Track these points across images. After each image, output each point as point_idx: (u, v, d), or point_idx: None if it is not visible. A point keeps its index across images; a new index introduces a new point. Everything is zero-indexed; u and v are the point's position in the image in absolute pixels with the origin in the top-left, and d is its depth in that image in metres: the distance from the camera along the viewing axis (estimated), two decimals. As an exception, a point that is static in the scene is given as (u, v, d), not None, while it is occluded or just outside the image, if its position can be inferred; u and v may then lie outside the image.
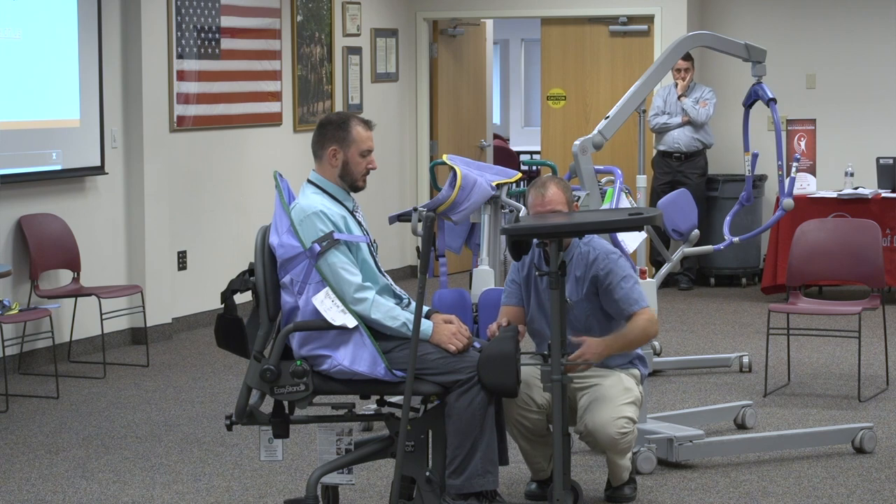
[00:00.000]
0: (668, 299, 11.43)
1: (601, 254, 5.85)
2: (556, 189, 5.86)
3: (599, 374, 5.87)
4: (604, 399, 5.79)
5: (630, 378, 5.93)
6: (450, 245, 7.83)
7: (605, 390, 5.81)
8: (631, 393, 5.86)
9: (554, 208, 5.81)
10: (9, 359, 8.75)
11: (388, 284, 5.56)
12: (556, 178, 6.00)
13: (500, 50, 21.80)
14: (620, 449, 5.82)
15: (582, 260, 5.86)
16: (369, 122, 5.61)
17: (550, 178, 5.95)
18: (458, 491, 5.37)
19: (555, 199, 5.82)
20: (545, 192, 5.84)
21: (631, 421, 5.80)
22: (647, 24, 12.70)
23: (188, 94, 10.41)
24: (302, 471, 6.61)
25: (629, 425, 5.78)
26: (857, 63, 12.47)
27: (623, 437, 5.76)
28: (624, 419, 5.76)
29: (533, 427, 5.84)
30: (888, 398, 8.11)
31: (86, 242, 9.47)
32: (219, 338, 5.58)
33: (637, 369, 6.02)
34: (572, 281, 5.84)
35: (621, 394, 5.81)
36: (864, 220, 8.61)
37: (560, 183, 5.92)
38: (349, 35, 12.25)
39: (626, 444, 5.82)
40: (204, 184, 10.64)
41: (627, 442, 5.82)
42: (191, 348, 9.87)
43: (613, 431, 5.72)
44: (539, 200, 5.84)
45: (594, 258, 5.84)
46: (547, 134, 13.25)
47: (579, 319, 5.87)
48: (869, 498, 6.20)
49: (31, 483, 6.55)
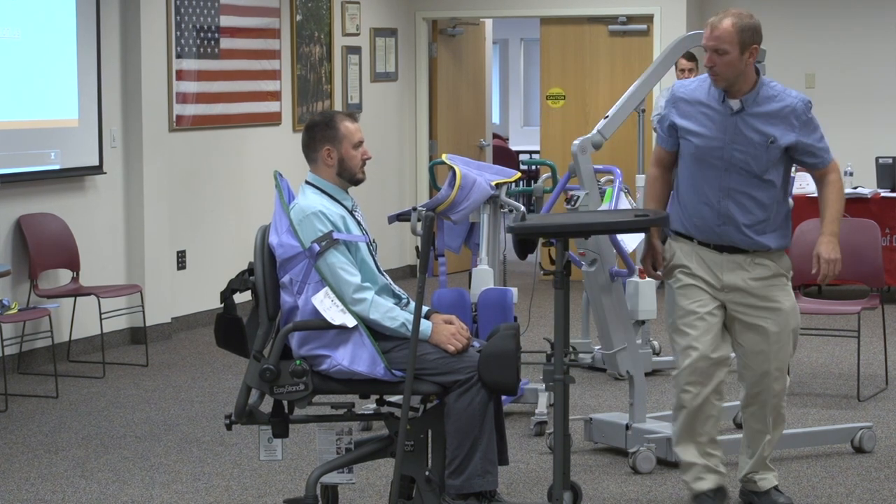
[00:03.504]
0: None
1: (801, 101, 5.45)
2: (730, 26, 5.31)
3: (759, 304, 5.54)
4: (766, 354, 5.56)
5: (790, 290, 5.57)
6: (449, 245, 7.83)
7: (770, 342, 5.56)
8: (797, 321, 5.61)
9: (719, 47, 5.34)
10: (8, 358, 8.75)
11: (388, 284, 5.56)
12: (739, 12, 5.41)
13: (500, 50, 21.80)
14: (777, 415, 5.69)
15: (772, 101, 5.43)
16: (353, 113, 5.64)
17: (729, 12, 5.40)
18: (457, 491, 5.37)
19: (724, 36, 5.33)
20: (718, 24, 5.36)
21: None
22: (647, 24, 12.70)
23: (187, 93, 10.41)
24: (301, 470, 6.61)
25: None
26: (857, 63, 12.48)
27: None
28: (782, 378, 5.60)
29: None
30: (887, 398, 8.11)
31: (85, 242, 9.47)
32: (218, 337, 5.58)
33: (781, 251, 5.58)
34: (768, 118, 5.43)
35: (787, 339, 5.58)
36: (863, 220, 8.60)
37: (740, 20, 5.34)
38: (348, 35, 12.25)
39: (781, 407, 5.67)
40: (203, 184, 10.64)
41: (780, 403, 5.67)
42: (190, 348, 9.87)
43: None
44: (708, 33, 5.39)
45: (796, 104, 5.44)
46: (546, 133, 13.25)
47: (761, 165, 5.42)
48: (868, 497, 6.20)
49: (31, 483, 6.55)
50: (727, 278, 5.53)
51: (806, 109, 5.45)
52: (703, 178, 5.49)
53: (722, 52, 5.33)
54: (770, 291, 5.50)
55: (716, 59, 5.34)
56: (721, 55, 5.33)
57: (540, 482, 6.38)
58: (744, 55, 5.33)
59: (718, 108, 5.46)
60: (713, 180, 5.47)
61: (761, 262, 5.50)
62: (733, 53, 5.32)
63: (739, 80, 5.39)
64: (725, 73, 5.36)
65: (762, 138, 5.40)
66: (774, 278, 5.49)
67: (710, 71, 5.41)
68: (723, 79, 5.39)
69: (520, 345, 5.47)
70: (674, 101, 5.58)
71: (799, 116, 5.42)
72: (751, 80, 5.42)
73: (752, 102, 5.41)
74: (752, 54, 5.34)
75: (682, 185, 5.57)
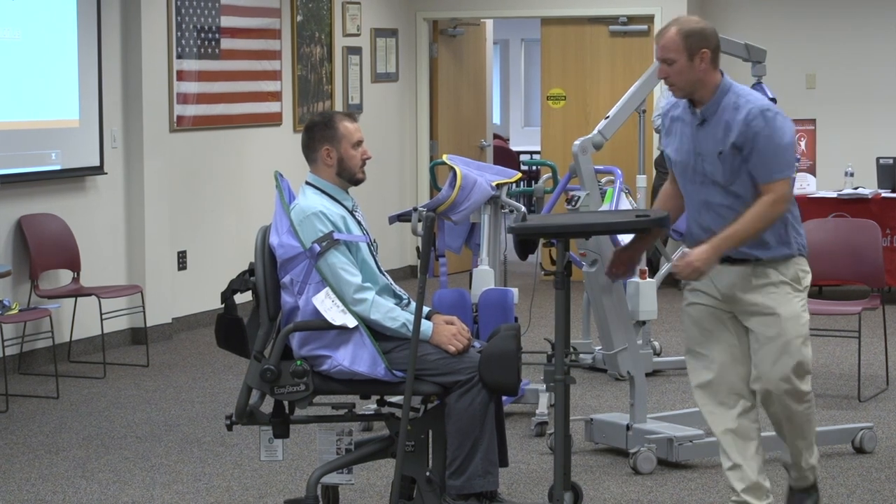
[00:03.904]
0: (668, 299, 11.42)
1: (755, 108, 5.19)
2: (674, 33, 5.20)
3: (755, 304, 5.33)
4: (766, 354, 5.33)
5: (792, 299, 5.31)
6: (450, 245, 7.83)
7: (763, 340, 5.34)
8: (798, 330, 5.31)
9: (665, 56, 5.22)
10: (9, 359, 8.75)
11: (388, 284, 5.56)
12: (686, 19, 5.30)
13: (500, 50, 21.80)
14: (795, 422, 5.40)
15: (730, 109, 5.23)
16: (352, 113, 5.64)
17: (675, 20, 5.30)
18: (458, 492, 5.37)
19: (668, 45, 5.22)
20: (663, 33, 5.25)
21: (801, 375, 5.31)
22: (647, 24, 12.71)
23: (188, 94, 10.41)
24: (302, 471, 6.61)
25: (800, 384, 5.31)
26: (857, 63, 12.48)
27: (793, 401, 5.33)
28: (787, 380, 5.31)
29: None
30: (888, 398, 8.11)
31: (86, 242, 9.47)
32: (219, 338, 5.58)
33: (797, 259, 5.32)
34: (722, 127, 5.24)
35: (784, 342, 5.30)
36: (864, 220, 8.60)
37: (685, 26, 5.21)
38: (349, 35, 12.25)
39: (801, 416, 5.37)
40: (204, 184, 10.64)
41: (803, 413, 5.36)
42: (191, 348, 9.87)
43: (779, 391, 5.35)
44: (655, 45, 5.29)
45: (747, 112, 5.19)
46: (547, 134, 13.25)
47: (724, 175, 5.24)
48: (869, 498, 6.20)
49: (31, 483, 6.55)
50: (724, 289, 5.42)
51: (759, 116, 5.16)
52: (687, 193, 5.40)
53: (670, 61, 5.21)
54: (764, 298, 5.31)
55: (667, 70, 5.23)
56: (670, 65, 5.22)
57: (541, 483, 6.38)
58: (693, 61, 5.19)
59: (689, 120, 5.35)
60: (693, 195, 5.36)
61: (762, 272, 5.31)
62: (681, 61, 5.20)
63: (699, 89, 5.24)
64: (679, 82, 5.23)
65: (716, 149, 5.25)
66: (773, 286, 5.30)
67: (665, 83, 5.31)
68: (678, 88, 5.26)
69: (520, 345, 5.47)
70: (663, 119, 5.55)
71: (750, 123, 5.16)
72: (711, 87, 5.24)
73: (711, 112, 5.25)
74: (703, 59, 5.19)
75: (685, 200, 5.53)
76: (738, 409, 5.41)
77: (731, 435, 5.41)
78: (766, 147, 5.16)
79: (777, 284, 5.32)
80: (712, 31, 5.27)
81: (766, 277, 5.30)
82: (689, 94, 5.28)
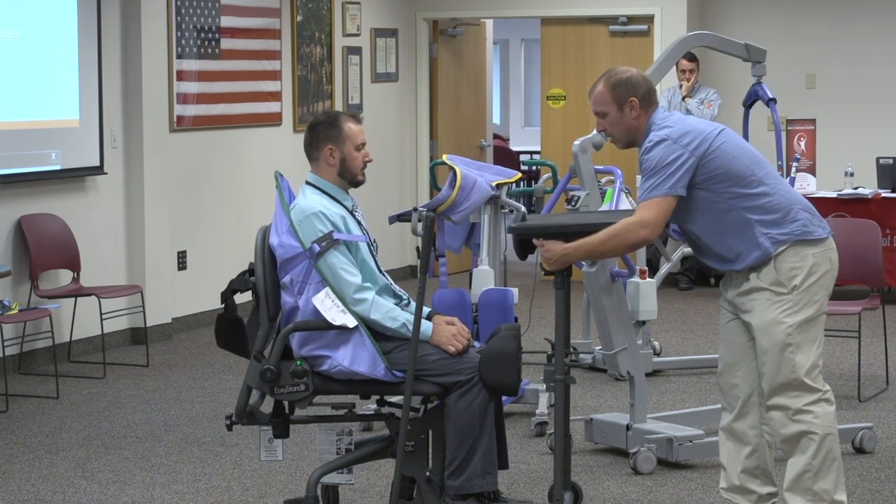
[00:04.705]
0: (668, 299, 11.43)
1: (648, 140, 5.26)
2: (602, 86, 5.30)
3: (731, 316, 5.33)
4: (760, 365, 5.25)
5: (770, 306, 5.20)
6: (450, 245, 7.83)
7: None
8: (773, 338, 5.20)
9: (597, 110, 5.31)
10: (9, 359, 8.75)
11: (388, 284, 5.56)
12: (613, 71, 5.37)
13: (500, 50, 21.81)
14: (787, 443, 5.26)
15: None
16: (357, 115, 5.64)
17: (604, 74, 5.38)
18: (457, 492, 5.37)
19: (598, 99, 5.32)
20: (593, 89, 5.34)
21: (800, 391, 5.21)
22: (647, 24, 12.71)
23: (188, 94, 10.41)
24: (302, 471, 6.61)
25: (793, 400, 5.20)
26: (857, 63, 12.48)
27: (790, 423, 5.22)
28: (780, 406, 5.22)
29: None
30: (888, 398, 8.11)
31: (86, 242, 9.47)
32: (219, 338, 5.59)
33: (782, 255, 5.19)
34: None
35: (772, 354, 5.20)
36: (864, 220, 8.60)
37: (611, 77, 5.31)
38: (349, 35, 12.25)
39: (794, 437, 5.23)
40: (204, 184, 10.64)
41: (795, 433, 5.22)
42: (191, 348, 9.87)
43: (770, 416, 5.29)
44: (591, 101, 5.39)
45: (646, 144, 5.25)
46: (547, 134, 13.26)
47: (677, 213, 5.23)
48: (869, 498, 6.21)
49: (31, 483, 6.55)
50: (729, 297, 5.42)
51: (646, 150, 5.22)
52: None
53: (602, 113, 5.33)
54: (747, 304, 5.27)
55: (602, 123, 5.35)
56: (603, 117, 5.34)
57: (541, 482, 6.38)
58: (623, 110, 5.29)
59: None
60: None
61: (743, 277, 5.26)
62: (612, 112, 5.30)
63: (636, 136, 5.32)
64: (615, 132, 5.34)
65: None
66: (753, 292, 5.24)
67: (605, 135, 5.42)
68: (617, 139, 5.37)
69: (520, 345, 5.47)
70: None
71: (641, 156, 5.27)
72: (644, 131, 5.32)
73: (641, 154, 5.32)
74: (633, 107, 5.28)
75: None
76: (736, 411, 5.40)
77: (723, 434, 5.44)
78: (645, 173, 5.22)
79: (755, 291, 5.24)
80: (639, 77, 5.34)
81: (747, 282, 5.24)
82: (629, 144, 5.38)
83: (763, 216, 5.20)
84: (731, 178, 5.19)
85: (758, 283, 5.22)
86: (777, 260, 5.20)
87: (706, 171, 5.19)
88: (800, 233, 5.21)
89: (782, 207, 5.22)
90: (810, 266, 5.22)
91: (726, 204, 5.20)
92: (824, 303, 5.32)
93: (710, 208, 5.22)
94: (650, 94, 5.33)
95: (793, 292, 5.21)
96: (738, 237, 5.20)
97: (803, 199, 5.34)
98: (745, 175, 5.20)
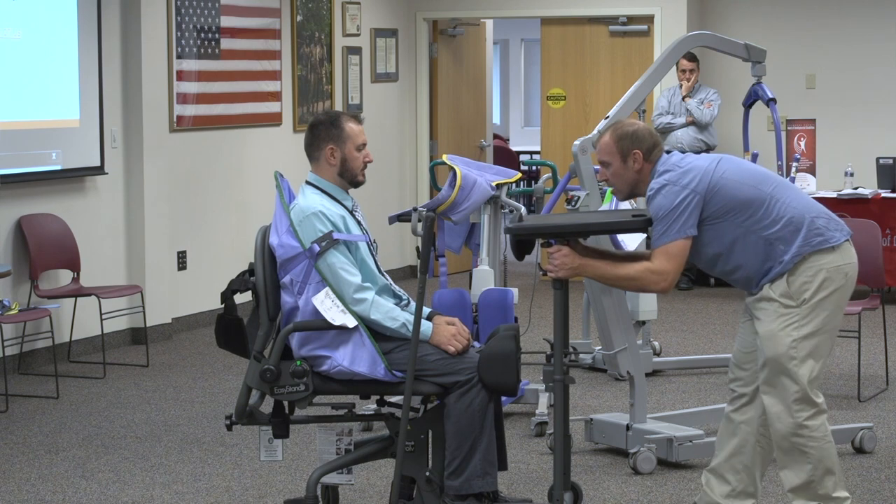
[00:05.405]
0: (667, 299, 11.43)
1: (651, 187, 5.32)
2: (608, 138, 5.40)
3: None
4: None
5: (776, 318, 5.23)
6: (450, 245, 7.83)
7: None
8: (776, 349, 5.24)
9: (602, 160, 5.43)
10: (9, 359, 8.75)
11: (388, 284, 5.56)
12: (619, 124, 5.45)
13: (500, 50, 21.81)
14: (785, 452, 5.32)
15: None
16: (358, 115, 5.65)
17: (610, 126, 5.50)
18: (456, 492, 5.37)
19: (603, 149, 5.42)
20: (599, 140, 5.44)
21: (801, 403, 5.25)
22: (647, 25, 12.71)
23: (188, 94, 10.41)
24: (302, 471, 6.61)
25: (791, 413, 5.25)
26: (857, 63, 12.48)
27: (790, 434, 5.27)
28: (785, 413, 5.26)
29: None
30: (888, 398, 8.11)
31: (86, 242, 9.47)
32: (219, 338, 5.58)
33: (798, 269, 5.22)
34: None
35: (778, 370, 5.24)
36: (864, 220, 8.60)
37: (617, 130, 5.39)
38: (349, 35, 12.25)
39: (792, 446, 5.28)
40: (204, 184, 10.64)
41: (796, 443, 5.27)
42: (191, 348, 9.87)
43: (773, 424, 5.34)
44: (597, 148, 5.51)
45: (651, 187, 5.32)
46: (547, 134, 13.25)
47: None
48: (869, 498, 6.21)
49: (31, 483, 6.56)
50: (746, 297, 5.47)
51: (650, 198, 5.29)
52: None
53: (606, 164, 5.42)
54: (758, 312, 5.31)
55: (605, 173, 5.44)
56: (607, 167, 5.42)
57: (540, 483, 6.38)
58: (627, 162, 5.37)
59: None
60: None
61: (761, 285, 5.33)
62: (616, 164, 5.38)
63: (638, 187, 5.42)
64: (617, 183, 5.43)
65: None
66: (763, 301, 5.28)
67: (607, 185, 5.52)
68: (618, 190, 5.46)
69: (520, 345, 5.47)
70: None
71: (648, 203, 5.34)
72: (648, 182, 5.37)
73: (646, 202, 5.38)
74: (636, 160, 5.35)
75: None
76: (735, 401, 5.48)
77: (724, 417, 5.54)
78: (654, 217, 5.27)
79: (766, 300, 5.28)
80: (645, 131, 5.41)
81: (761, 291, 5.30)
82: (630, 195, 5.47)
83: (781, 234, 5.26)
84: (741, 206, 5.26)
85: (769, 293, 5.26)
86: (791, 273, 5.25)
87: (714, 204, 5.26)
88: (816, 243, 5.26)
89: (797, 220, 5.27)
90: (821, 281, 5.26)
91: (742, 229, 5.26)
92: (833, 318, 5.32)
93: (727, 238, 5.28)
94: (655, 148, 5.40)
95: (801, 306, 5.25)
96: (764, 260, 5.26)
97: (817, 205, 5.40)
98: (755, 198, 5.26)
